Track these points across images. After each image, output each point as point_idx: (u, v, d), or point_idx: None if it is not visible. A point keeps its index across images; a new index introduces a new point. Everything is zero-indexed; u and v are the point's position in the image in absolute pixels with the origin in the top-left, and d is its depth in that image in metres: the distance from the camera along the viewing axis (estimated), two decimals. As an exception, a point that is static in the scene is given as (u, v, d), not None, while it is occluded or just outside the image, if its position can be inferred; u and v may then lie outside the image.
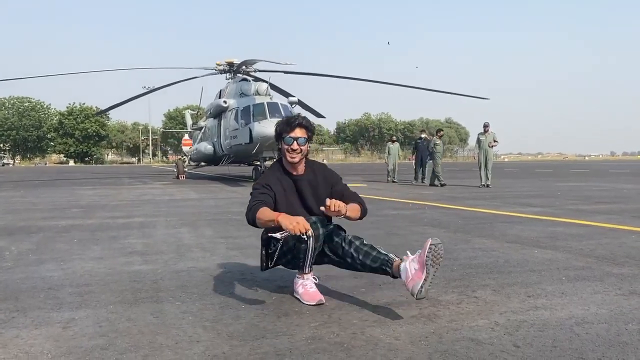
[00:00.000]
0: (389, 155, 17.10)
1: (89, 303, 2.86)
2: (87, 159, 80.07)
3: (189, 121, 30.69)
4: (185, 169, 22.34)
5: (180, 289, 3.15)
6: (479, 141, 14.07)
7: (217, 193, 12.11)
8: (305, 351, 2.12)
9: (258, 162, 17.52)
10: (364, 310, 2.69)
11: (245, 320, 2.53)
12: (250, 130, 16.38)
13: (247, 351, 2.13)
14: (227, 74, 21.15)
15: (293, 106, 17.90)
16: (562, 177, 19.39)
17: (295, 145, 2.86)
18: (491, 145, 13.79)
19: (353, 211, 2.78)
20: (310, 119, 2.99)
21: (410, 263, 2.56)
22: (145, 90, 25.48)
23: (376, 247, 2.76)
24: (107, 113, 67.87)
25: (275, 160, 3.10)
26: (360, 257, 2.73)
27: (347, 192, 2.95)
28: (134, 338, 2.29)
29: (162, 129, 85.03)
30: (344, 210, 2.63)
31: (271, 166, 3.06)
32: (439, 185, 14.26)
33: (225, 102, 18.88)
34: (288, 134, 2.87)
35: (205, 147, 21.31)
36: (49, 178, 23.34)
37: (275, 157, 15.36)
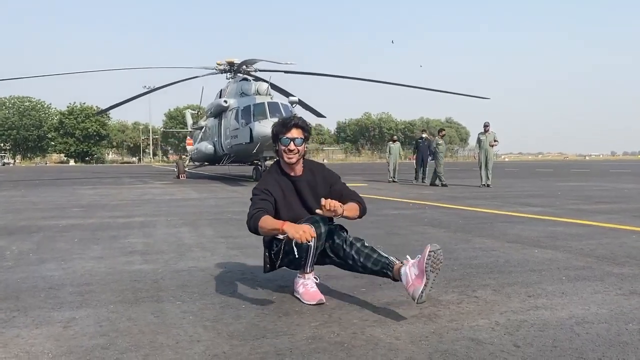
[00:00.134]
0: (390, 155, 17.10)
1: (90, 302, 2.87)
2: (87, 158, 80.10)
3: (189, 121, 30.68)
4: (186, 169, 22.35)
5: (181, 289, 3.15)
6: (479, 141, 14.07)
7: (217, 193, 12.11)
8: (305, 351, 2.12)
9: (258, 162, 17.53)
10: (364, 310, 2.69)
11: (246, 320, 2.54)
12: (251, 130, 16.39)
13: (247, 351, 2.13)
14: (228, 73, 21.16)
15: (293, 106, 17.91)
16: (563, 177, 19.39)
17: (292, 146, 2.85)
18: (492, 145, 13.79)
19: (351, 210, 2.77)
20: (307, 119, 2.99)
21: (410, 268, 2.55)
22: (146, 90, 25.50)
23: (377, 249, 2.76)
24: (108, 113, 67.86)
25: (275, 160, 3.10)
26: (361, 260, 2.73)
27: (345, 191, 2.95)
28: (135, 337, 2.29)
29: (162, 129, 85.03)
30: (340, 210, 2.62)
31: (269, 169, 3.06)
32: (439, 185, 14.26)
33: (225, 101, 18.89)
34: (284, 134, 2.86)
35: (206, 146, 21.32)
36: (49, 178, 23.35)
37: (276, 156, 15.28)
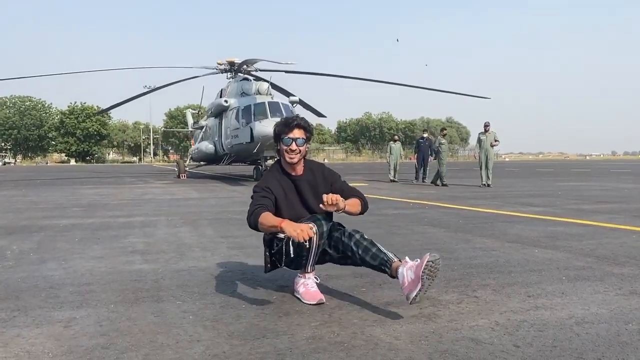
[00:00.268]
0: (390, 154, 17.10)
1: (90, 302, 2.87)
2: (88, 158, 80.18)
3: (190, 120, 30.71)
4: (186, 168, 22.36)
5: (181, 289, 3.15)
6: (479, 141, 14.06)
7: (218, 192, 12.12)
8: (305, 351, 2.12)
9: (259, 162, 17.53)
10: (364, 309, 2.69)
11: (246, 320, 2.54)
12: (251, 130, 16.40)
13: (247, 350, 2.13)
14: (228, 73, 21.18)
15: (294, 105, 17.92)
16: (563, 177, 19.37)
17: (294, 146, 2.86)
18: (492, 145, 13.79)
19: (353, 206, 2.79)
20: (309, 120, 2.99)
21: (407, 270, 2.55)
22: (146, 90, 25.52)
23: (376, 243, 2.76)
24: (108, 112, 67.91)
25: (275, 160, 3.10)
26: (359, 252, 2.73)
27: (346, 189, 2.96)
28: (135, 337, 2.30)
29: (163, 128, 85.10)
30: (342, 204, 2.63)
31: (270, 168, 3.07)
32: (439, 184, 14.25)
33: (226, 101, 18.90)
34: (286, 134, 2.87)
35: (207, 146, 21.33)
36: (50, 177, 23.37)
37: (276, 156, 15.28)
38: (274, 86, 19.66)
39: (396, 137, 18.52)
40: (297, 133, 2.88)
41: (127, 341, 2.25)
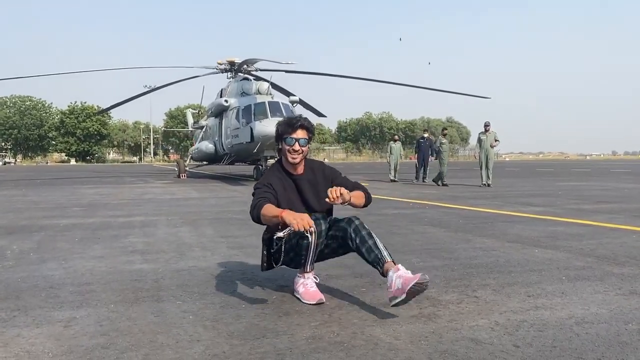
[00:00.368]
0: (391, 154, 17.10)
1: (90, 302, 2.87)
2: (88, 157, 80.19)
3: (190, 120, 30.71)
4: (187, 168, 22.36)
5: (181, 288, 3.15)
6: (479, 140, 14.07)
7: (218, 192, 12.12)
8: (305, 350, 2.12)
9: (259, 161, 17.53)
10: (364, 309, 2.70)
11: (246, 320, 2.54)
12: (252, 130, 16.40)
13: (247, 350, 2.13)
14: (228, 73, 21.18)
15: (294, 105, 17.92)
16: (564, 177, 19.37)
17: (297, 147, 2.87)
18: (492, 146, 13.80)
19: (357, 198, 2.81)
20: (310, 119, 3.01)
21: (397, 278, 2.54)
22: (147, 90, 25.56)
23: (373, 235, 2.76)
24: (109, 112, 67.97)
25: (277, 159, 3.11)
26: (357, 241, 2.75)
27: (348, 183, 2.97)
28: (135, 337, 2.30)
29: (163, 128, 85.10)
30: (347, 196, 2.65)
31: (271, 167, 3.08)
32: (440, 184, 14.24)
33: (226, 101, 18.90)
34: (290, 134, 2.88)
35: (207, 146, 21.33)
36: (50, 177, 23.37)
37: (277, 156, 15.31)
38: (274, 86, 19.66)
39: (396, 137, 18.53)
40: (300, 133, 2.89)
41: (127, 341, 2.25)
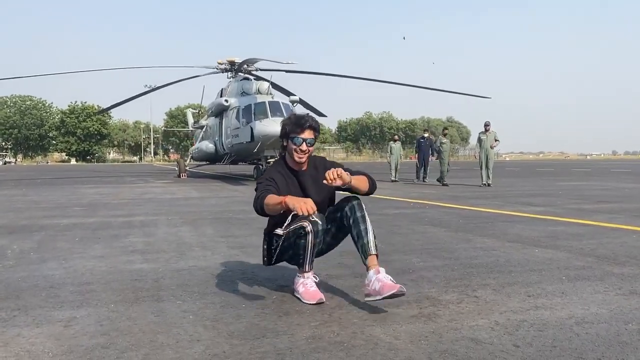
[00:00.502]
0: (391, 154, 17.11)
1: (90, 302, 2.87)
2: (88, 157, 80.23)
3: (190, 120, 30.72)
4: (187, 168, 22.37)
5: (181, 288, 3.15)
6: (480, 140, 14.07)
7: (218, 192, 12.12)
8: (305, 350, 2.12)
9: (259, 161, 17.53)
10: (364, 309, 2.69)
11: (246, 320, 2.54)
12: (252, 129, 16.40)
13: (247, 350, 2.13)
14: (229, 72, 21.18)
15: (294, 105, 17.92)
16: (564, 177, 19.37)
17: (304, 147, 2.88)
18: (492, 147, 13.80)
19: (360, 181, 2.85)
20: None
21: (375, 280, 2.63)
22: (147, 89, 25.57)
23: (367, 220, 2.80)
24: (109, 112, 68.00)
25: (281, 156, 3.10)
26: (350, 221, 2.81)
27: (351, 171, 2.97)
28: (135, 337, 2.30)
29: (163, 128, 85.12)
30: (348, 177, 2.68)
31: (274, 163, 3.09)
32: (442, 184, 14.24)
33: (226, 100, 18.91)
34: (298, 134, 2.88)
35: (207, 145, 21.34)
36: (50, 177, 23.38)
37: (277, 155, 15.39)
38: (275, 86, 19.67)
39: (396, 136, 18.57)
40: (307, 134, 2.90)
41: (127, 341, 2.25)
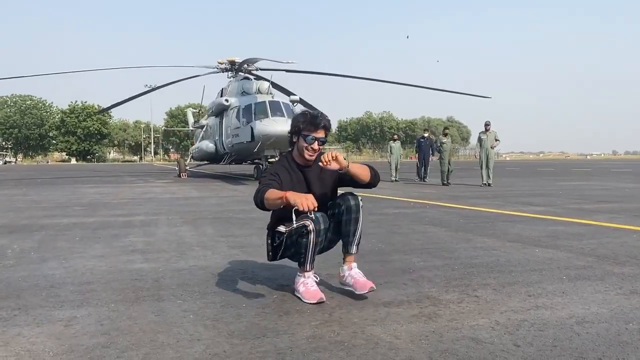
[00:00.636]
0: (391, 154, 17.11)
1: (91, 301, 2.87)
2: (88, 157, 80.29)
3: (190, 119, 30.71)
4: (187, 167, 22.37)
5: (182, 288, 3.15)
6: (480, 140, 14.07)
7: (218, 192, 12.12)
8: (305, 350, 2.12)
9: (260, 161, 17.53)
10: (364, 309, 2.70)
11: (246, 319, 2.54)
12: (252, 129, 16.40)
13: (247, 350, 2.13)
14: (229, 72, 21.19)
15: (295, 105, 17.92)
16: (564, 176, 19.37)
17: (316, 146, 2.89)
18: (493, 147, 13.80)
19: (360, 169, 2.88)
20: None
21: (349, 276, 2.90)
22: (147, 89, 25.56)
23: (359, 223, 2.87)
24: (109, 111, 68.03)
25: (288, 151, 3.09)
26: (343, 217, 2.87)
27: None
28: (135, 336, 2.30)
29: (163, 127, 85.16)
30: (344, 162, 2.72)
31: (279, 158, 3.09)
32: (444, 183, 14.24)
33: (227, 100, 18.91)
34: (311, 133, 2.87)
35: (207, 145, 21.34)
36: (51, 176, 23.39)
37: (277, 155, 15.39)
38: (275, 85, 19.66)
39: (395, 136, 18.60)
40: (320, 133, 2.90)
41: (128, 340, 2.25)
